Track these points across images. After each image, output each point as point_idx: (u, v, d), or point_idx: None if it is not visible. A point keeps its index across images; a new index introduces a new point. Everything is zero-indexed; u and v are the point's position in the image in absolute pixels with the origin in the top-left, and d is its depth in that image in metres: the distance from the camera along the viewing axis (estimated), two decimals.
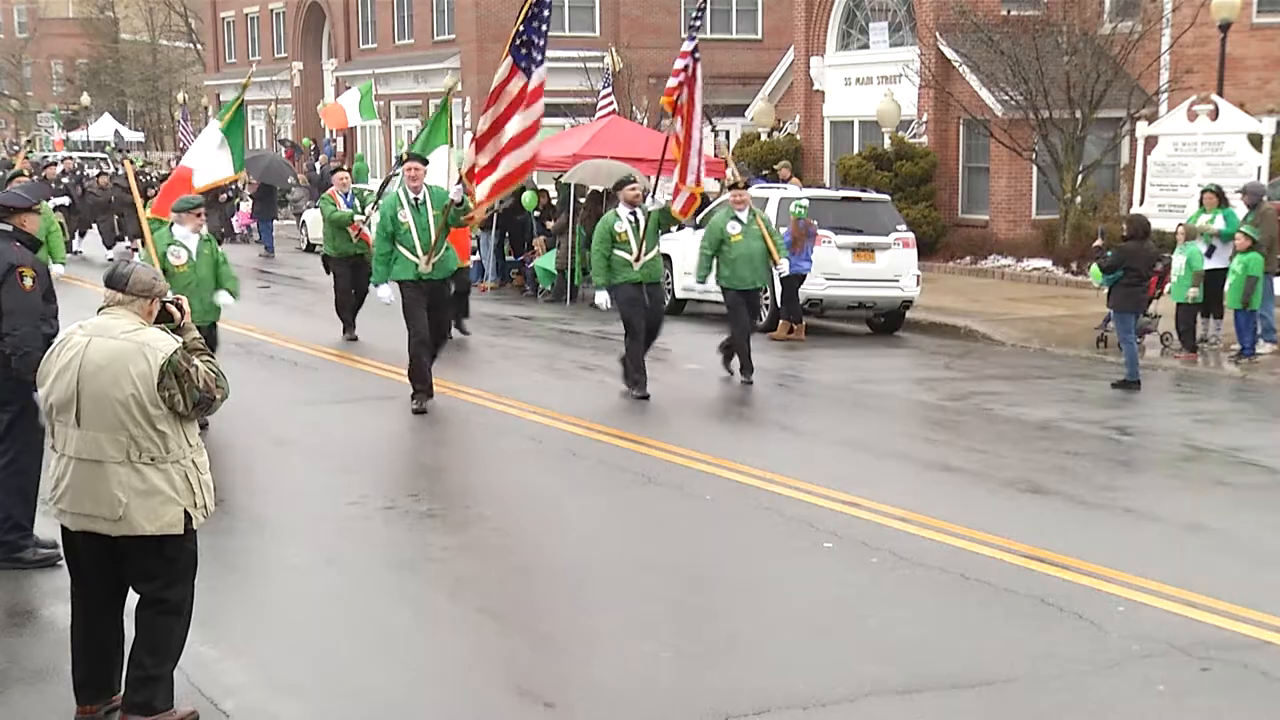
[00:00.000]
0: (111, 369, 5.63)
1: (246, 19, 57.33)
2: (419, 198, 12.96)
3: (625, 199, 13.83)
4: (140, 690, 5.84)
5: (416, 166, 13.14)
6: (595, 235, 13.79)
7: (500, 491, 10.38)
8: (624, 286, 13.63)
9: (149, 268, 6.04)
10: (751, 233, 14.83)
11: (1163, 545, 8.88)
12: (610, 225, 13.68)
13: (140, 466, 5.66)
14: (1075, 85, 24.10)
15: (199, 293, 11.70)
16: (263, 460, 11.28)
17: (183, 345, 5.78)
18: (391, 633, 7.26)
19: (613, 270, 13.60)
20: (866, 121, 29.57)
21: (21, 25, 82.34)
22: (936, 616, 7.45)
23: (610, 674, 6.71)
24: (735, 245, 14.70)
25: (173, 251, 11.85)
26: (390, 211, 12.92)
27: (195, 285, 11.73)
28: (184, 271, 11.76)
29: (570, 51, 37.59)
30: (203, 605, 7.44)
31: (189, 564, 5.93)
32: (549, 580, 8.27)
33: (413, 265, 12.84)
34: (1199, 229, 16.59)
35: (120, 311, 5.80)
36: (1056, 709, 6.26)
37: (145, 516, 5.67)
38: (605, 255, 13.63)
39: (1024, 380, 15.09)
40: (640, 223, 13.60)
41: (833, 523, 9.13)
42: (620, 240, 13.59)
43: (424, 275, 12.86)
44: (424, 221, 12.86)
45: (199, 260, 11.97)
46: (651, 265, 13.74)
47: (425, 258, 12.80)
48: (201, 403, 5.73)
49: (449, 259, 13.18)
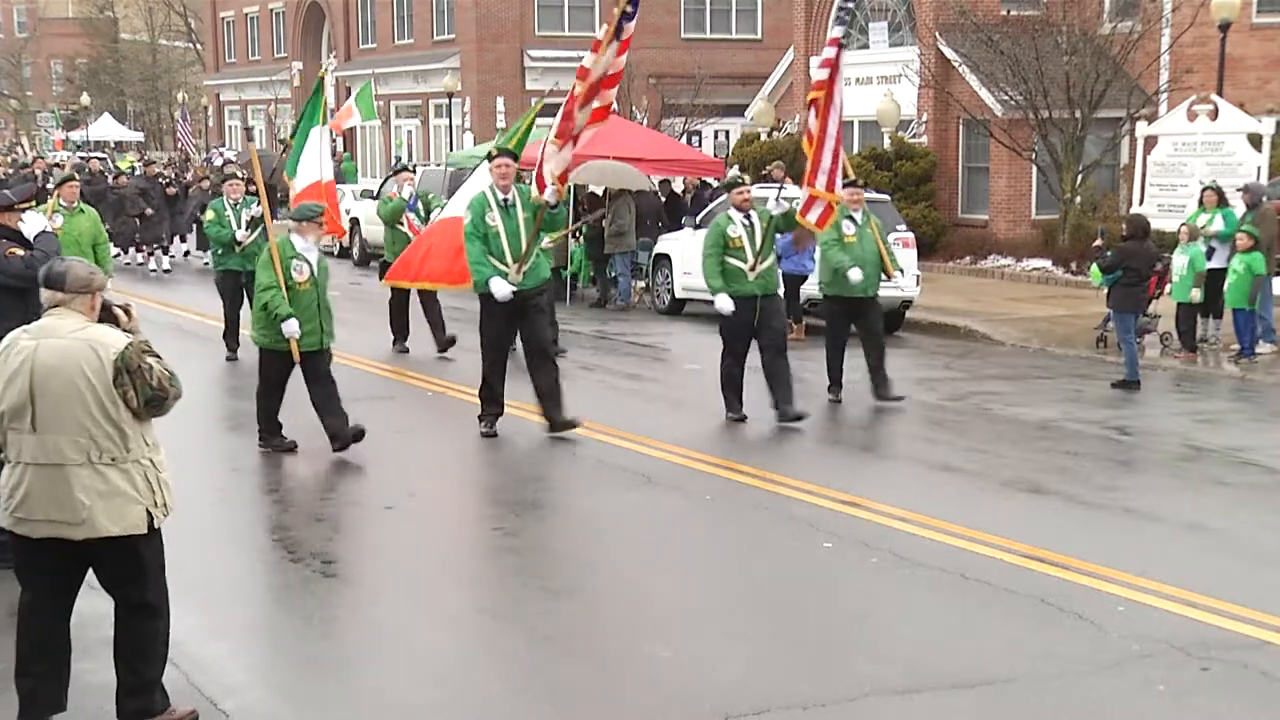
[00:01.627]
0: (65, 370, 5.53)
1: (246, 19, 57.34)
2: (508, 199, 11.64)
3: (735, 203, 12.46)
4: (137, 696, 5.82)
5: (507, 163, 11.78)
6: (707, 240, 12.46)
7: (500, 491, 10.38)
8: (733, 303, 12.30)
9: (84, 262, 5.90)
10: (865, 236, 13.47)
11: (1163, 545, 8.88)
12: (723, 230, 12.33)
13: (101, 468, 5.57)
14: (1075, 85, 24.10)
15: (320, 314, 10.88)
16: (263, 460, 11.28)
17: (134, 343, 5.66)
18: (391, 633, 7.26)
19: (725, 278, 12.29)
20: (866, 121, 29.56)
21: (21, 25, 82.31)
22: (936, 616, 7.45)
23: (610, 674, 6.72)
24: (848, 247, 13.33)
25: (296, 266, 10.78)
26: (480, 212, 11.63)
27: (318, 304, 10.85)
28: (306, 289, 10.81)
29: (570, 51, 37.61)
30: (203, 605, 7.46)
31: (158, 564, 5.87)
32: (549, 580, 8.27)
33: (500, 275, 11.55)
34: (1199, 230, 16.59)
35: (63, 311, 5.68)
36: (1056, 709, 6.26)
37: (109, 518, 5.59)
38: (720, 261, 12.30)
39: (1024, 380, 15.09)
40: (755, 228, 12.30)
41: (833, 523, 9.13)
42: (734, 247, 12.26)
43: (513, 286, 11.57)
44: (514, 225, 11.58)
45: (320, 274, 10.96)
46: (768, 275, 12.39)
47: (515, 266, 11.52)
48: (153, 401, 5.62)
49: (541, 267, 11.88)
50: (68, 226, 14.13)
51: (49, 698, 5.82)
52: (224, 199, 16.11)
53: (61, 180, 14.90)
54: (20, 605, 5.86)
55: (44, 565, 5.74)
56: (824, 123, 12.09)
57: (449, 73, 39.79)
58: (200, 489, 10.20)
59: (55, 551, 5.67)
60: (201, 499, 9.90)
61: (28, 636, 5.81)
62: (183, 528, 8.86)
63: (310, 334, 10.86)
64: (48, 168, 29.22)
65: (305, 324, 10.80)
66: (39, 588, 5.80)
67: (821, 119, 12.09)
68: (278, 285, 10.70)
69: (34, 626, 5.81)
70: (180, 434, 11.90)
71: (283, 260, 10.75)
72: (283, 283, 10.72)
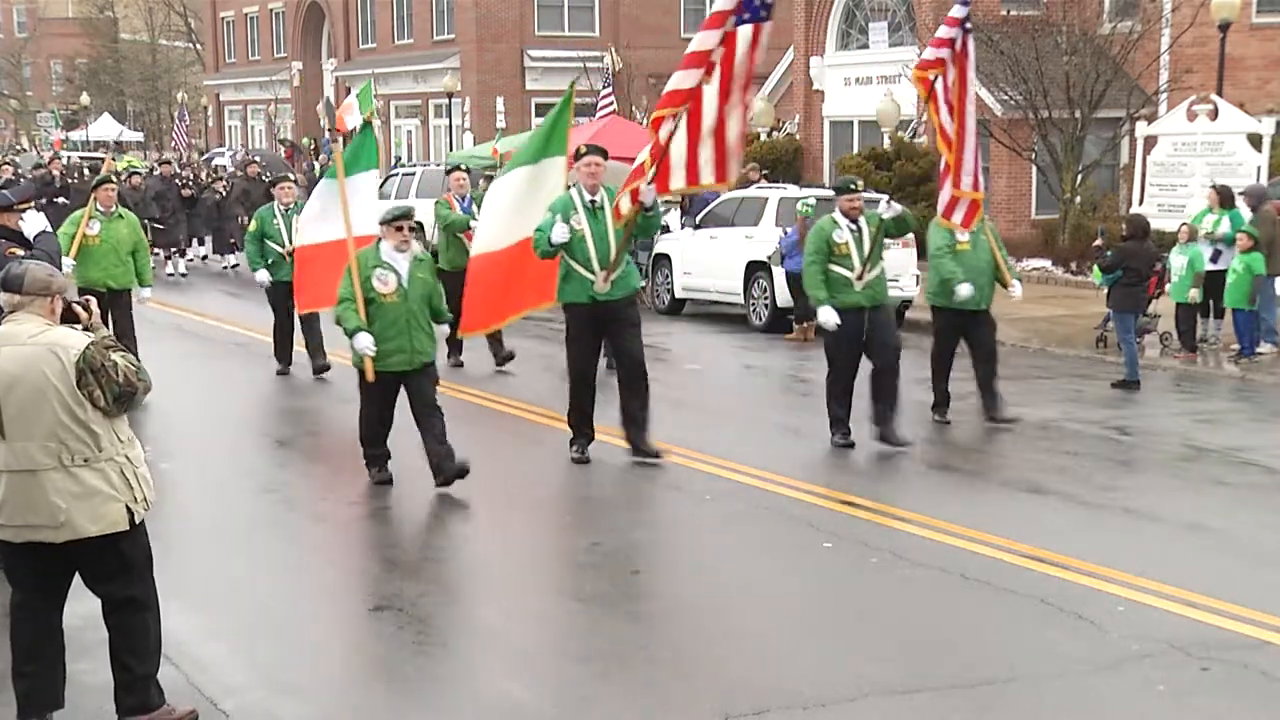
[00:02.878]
0: (28, 377, 5.49)
1: (246, 19, 57.36)
2: (596, 200, 10.65)
3: (843, 209, 11.43)
4: (133, 693, 5.82)
5: (597, 161, 10.70)
6: (809, 246, 11.49)
7: (500, 492, 10.37)
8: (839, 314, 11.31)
9: (43, 264, 5.85)
10: (980, 244, 12.48)
11: (1163, 545, 8.88)
12: (828, 235, 11.34)
13: (74, 470, 5.54)
14: (1075, 85, 24.10)
15: (410, 330, 9.76)
16: (263, 460, 11.28)
17: (95, 342, 5.62)
18: (391, 633, 7.26)
19: (829, 289, 11.30)
20: (866, 121, 29.57)
21: (21, 25, 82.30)
22: (936, 616, 7.45)
23: (610, 674, 6.71)
24: (961, 256, 12.33)
25: (379, 276, 9.73)
26: (564, 215, 10.59)
27: (407, 319, 9.75)
28: (393, 302, 9.73)
29: (570, 51, 37.65)
30: (203, 605, 7.46)
31: (145, 559, 5.85)
32: (548, 580, 8.28)
33: (586, 284, 10.56)
34: (1206, 233, 16.56)
35: (23, 316, 5.63)
36: (1056, 709, 6.26)
37: (87, 518, 5.57)
38: (822, 270, 11.31)
39: (1024, 380, 15.08)
40: (864, 233, 11.35)
41: (833, 523, 9.13)
42: (840, 253, 11.30)
43: (600, 296, 10.60)
44: (602, 229, 10.57)
45: (411, 285, 9.80)
46: (877, 285, 11.42)
47: (603, 274, 10.54)
48: (122, 396, 5.58)
49: (630, 275, 10.83)
50: (105, 233, 13.47)
51: (45, 696, 5.82)
52: (273, 205, 14.92)
53: (97, 183, 13.95)
54: (11, 606, 5.87)
55: (29, 568, 5.74)
56: (962, 119, 11.32)
57: (449, 73, 39.80)
58: (200, 488, 10.21)
59: (38, 554, 5.66)
60: (201, 498, 9.91)
61: (20, 637, 5.82)
62: (183, 528, 8.90)
63: (398, 352, 9.77)
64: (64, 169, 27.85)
65: (391, 341, 9.73)
66: (26, 589, 5.81)
67: (959, 117, 11.30)
68: (352, 297, 9.75)
69: (24, 627, 5.81)
70: (179, 434, 11.95)
71: (364, 270, 9.76)
72: (360, 296, 9.74)
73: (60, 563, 5.72)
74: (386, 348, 9.71)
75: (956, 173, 11.39)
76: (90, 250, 13.42)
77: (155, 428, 11.75)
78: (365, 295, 9.71)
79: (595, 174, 10.67)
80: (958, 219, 11.70)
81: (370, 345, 9.67)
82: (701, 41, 10.18)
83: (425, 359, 9.90)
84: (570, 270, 10.60)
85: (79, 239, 13.35)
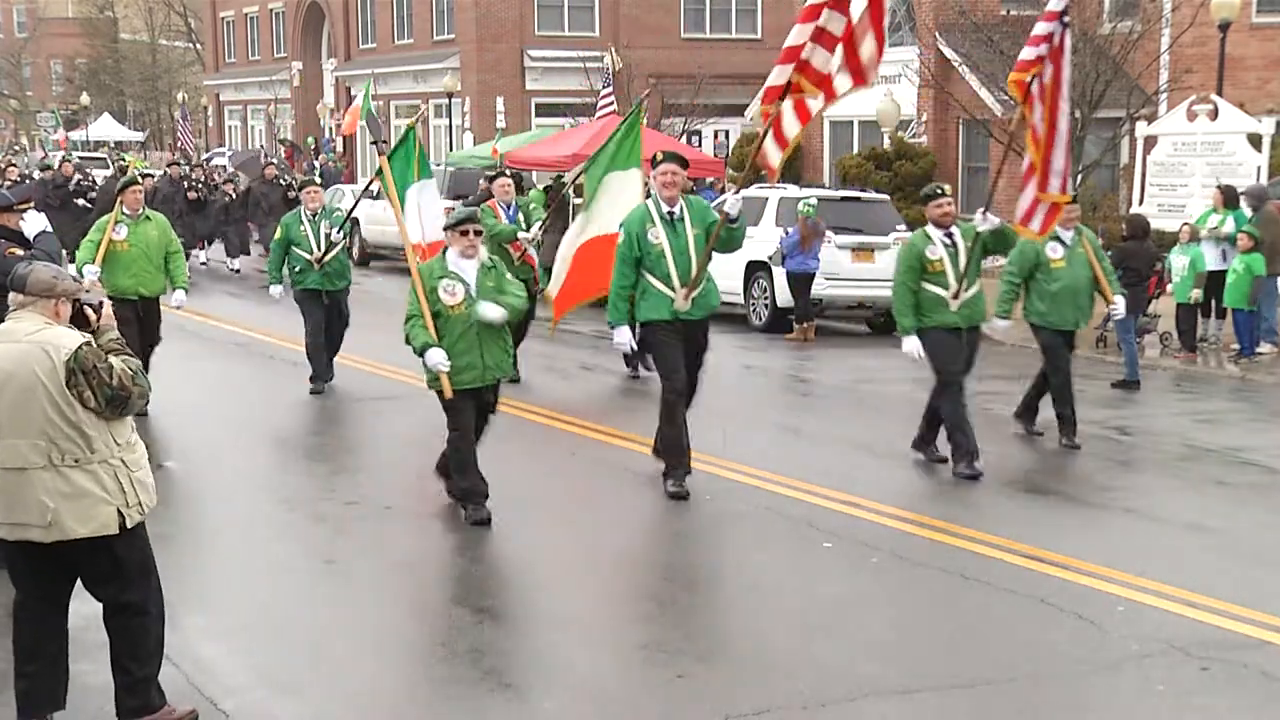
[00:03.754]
0: (19, 374, 5.48)
1: (246, 19, 57.35)
2: (674, 212, 9.83)
3: (933, 218, 10.54)
4: (134, 695, 5.82)
5: (675, 170, 9.88)
6: (900, 262, 10.62)
7: (499, 493, 10.37)
8: (935, 333, 10.49)
9: (49, 266, 5.85)
10: (1077, 258, 11.59)
11: (1163, 545, 8.88)
12: (920, 251, 10.43)
13: (64, 470, 5.52)
14: (1075, 85, 24.05)
15: (482, 344, 8.96)
16: (263, 460, 11.28)
17: (90, 343, 5.59)
18: (391, 633, 7.26)
19: (922, 310, 10.47)
20: (866, 121, 29.57)
21: (21, 25, 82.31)
22: (937, 616, 7.45)
23: (610, 674, 6.71)
24: (1056, 273, 11.50)
25: (446, 287, 8.91)
26: (638, 229, 9.80)
27: (478, 331, 8.93)
28: (462, 314, 8.91)
29: (570, 51, 37.64)
30: (203, 605, 7.47)
31: (141, 563, 5.81)
32: (548, 580, 8.27)
33: (666, 301, 9.79)
34: (1211, 233, 16.56)
35: (24, 314, 5.63)
36: (1056, 709, 6.26)
37: (76, 519, 5.54)
38: (912, 290, 10.45)
39: (1024, 380, 15.03)
40: (959, 248, 10.45)
41: (833, 523, 9.13)
42: (933, 271, 10.40)
43: (680, 314, 9.84)
44: (681, 243, 9.77)
45: (480, 295, 8.95)
46: (975, 304, 10.57)
47: (683, 291, 9.76)
48: (115, 400, 5.54)
49: (711, 293, 10.05)
50: (133, 237, 12.57)
51: (45, 696, 5.81)
52: (300, 210, 14.12)
53: (124, 184, 13.00)
54: (14, 606, 5.88)
55: (27, 568, 5.74)
56: (1054, 117, 10.36)
57: (449, 73, 39.79)
58: (200, 488, 10.21)
59: (34, 554, 5.66)
60: (201, 498, 9.91)
61: (21, 637, 5.83)
62: (182, 527, 8.90)
63: (469, 369, 8.97)
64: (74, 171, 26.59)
65: (462, 356, 8.93)
66: (27, 590, 5.81)
67: (1050, 115, 10.36)
68: (419, 313, 8.93)
69: (26, 628, 5.82)
70: (178, 434, 11.95)
71: (429, 281, 8.95)
72: (426, 309, 8.93)
73: (55, 563, 5.71)
74: (457, 364, 8.92)
75: (1043, 174, 10.44)
76: (119, 256, 12.53)
77: (155, 427, 11.76)
78: (432, 308, 8.93)
79: (673, 183, 9.83)
80: (1035, 226, 10.69)
81: (444, 360, 8.85)
82: None
83: (499, 374, 9.17)
84: (648, 287, 9.79)
85: (105, 244, 12.48)
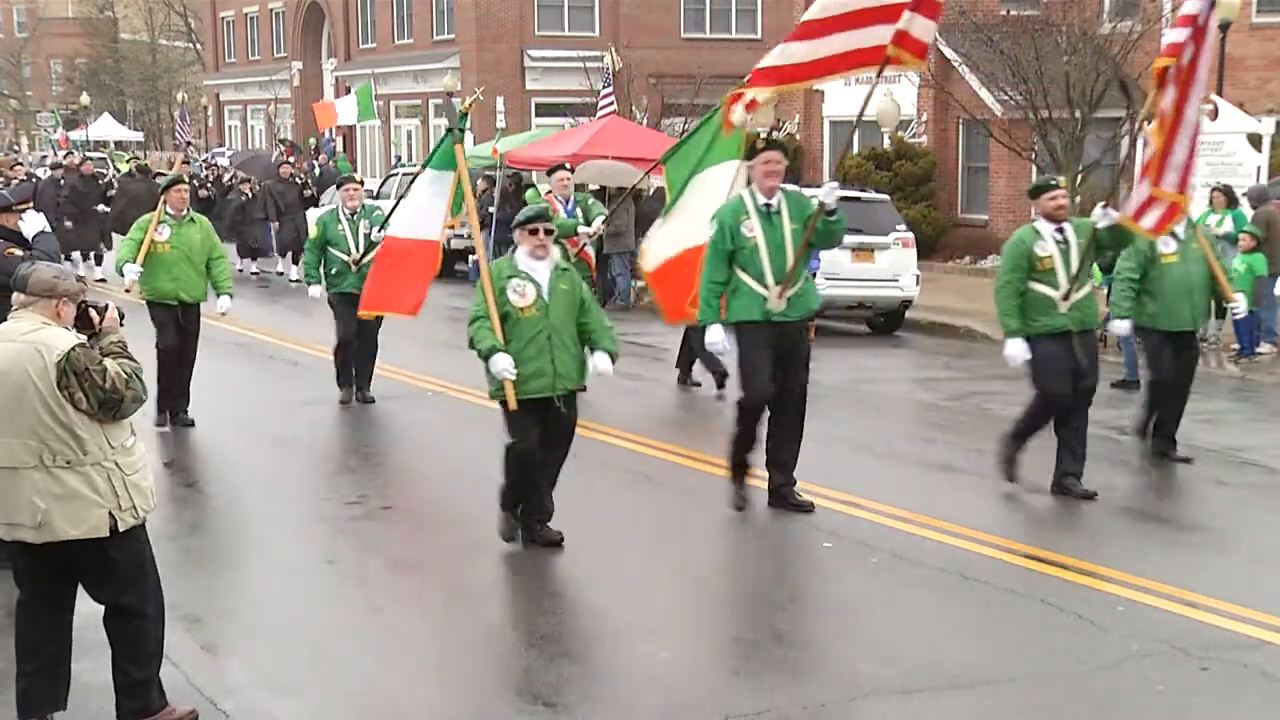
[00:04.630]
0: (13, 373, 5.49)
1: (246, 19, 57.34)
2: (772, 204, 9.15)
3: (1045, 212, 9.66)
4: (134, 697, 5.82)
5: (776, 158, 9.18)
6: (1005, 260, 9.75)
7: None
8: (1043, 342, 9.57)
9: (52, 266, 5.85)
10: (1191, 254, 10.80)
11: (1163, 545, 8.88)
12: (1028, 247, 9.58)
13: (56, 471, 5.51)
14: (1075, 85, 24.10)
15: (552, 349, 8.27)
16: (263, 460, 11.28)
17: (84, 345, 5.59)
18: (391, 633, 7.26)
19: (1028, 311, 9.61)
20: (866, 121, 29.51)
21: (21, 25, 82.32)
22: (936, 616, 7.45)
23: (610, 674, 6.72)
24: (1168, 269, 10.69)
25: (515, 287, 8.27)
26: (731, 221, 9.13)
27: (549, 335, 8.25)
28: (531, 316, 8.24)
29: (570, 51, 37.63)
30: (203, 605, 7.47)
31: (137, 565, 5.80)
32: (548, 581, 8.27)
33: (758, 300, 9.07)
34: (1209, 232, 16.56)
35: (24, 314, 5.64)
36: (1056, 709, 6.26)
37: (67, 521, 5.54)
38: (1019, 290, 9.60)
39: (1024, 380, 15.06)
40: (1071, 245, 9.58)
41: (833, 523, 9.13)
42: (1042, 269, 9.55)
43: (774, 314, 9.12)
44: (778, 237, 9.07)
45: (553, 299, 8.31)
46: (1086, 306, 9.66)
47: (778, 289, 9.04)
48: (107, 403, 5.54)
49: (808, 294, 9.36)
50: (176, 240, 12.01)
51: (44, 697, 5.82)
52: (337, 209, 13.41)
53: (168, 183, 12.44)
54: (16, 606, 5.89)
55: (27, 567, 5.75)
56: (1182, 105, 9.27)
57: (449, 73, 39.78)
58: (200, 488, 10.21)
59: (30, 553, 5.67)
60: (201, 498, 9.92)
61: (22, 637, 5.83)
62: (182, 528, 8.90)
63: (537, 376, 8.28)
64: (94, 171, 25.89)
65: (530, 363, 8.25)
66: (28, 588, 5.82)
67: (1179, 101, 9.26)
68: (485, 314, 8.27)
69: (27, 627, 5.82)
70: (178, 434, 11.95)
71: (498, 281, 8.32)
72: (494, 310, 8.27)
73: (52, 564, 5.71)
74: (524, 371, 8.25)
75: (1159, 167, 9.40)
76: (160, 258, 11.98)
77: (154, 427, 11.77)
78: (500, 310, 8.24)
79: (776, 171, 9.13)
80: (1148, 223, 9.62)
81: (510, 367, 8.18)
82: None
83: (570, 384, 8.42)
84: (740, 285, 9.10)
85: (147, 245, 11.97)
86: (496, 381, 8.34)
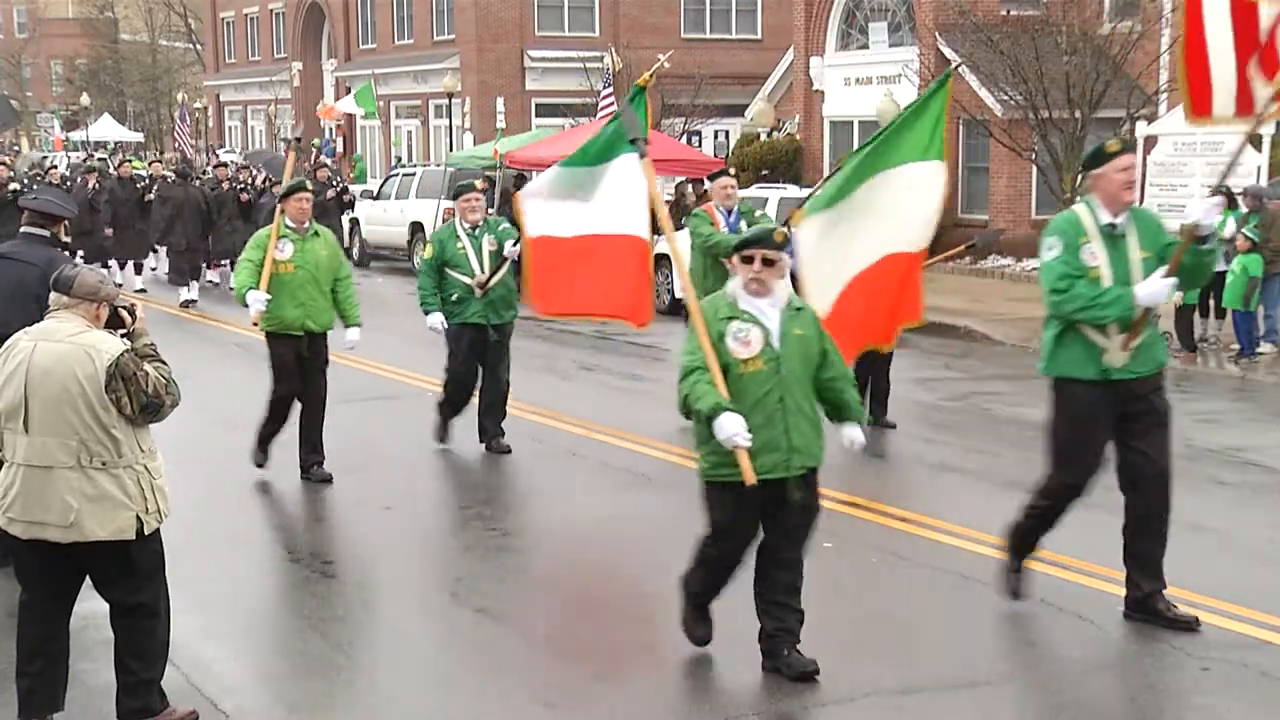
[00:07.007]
0: (58, 373, 5.53)
1: (246, 19, 57.37)
2: (1118, 224, 7.11)
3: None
4: (135, 696, 5.83)
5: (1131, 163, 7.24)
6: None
7: (500, 493, 10.38)
8: None
9: (96, 270, 5.91)
10: None
11: None
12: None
13: (91, 472, 5.56)
14: (1075, 85, 24.10)
15: (786, 416, 6.31)
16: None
17: (131, 350, 5.66)
18: (391, 633, 7.27)
19: None
20: (866, 121, 29.54)
21: (21, 25, 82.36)
22: (936, 616, 7.45)
23: (610, 674, 6.72)
24: None
25: (736, 333, 6.32)
26: (1075, 241, 7.08)
27: (781, 397, 6.30)
28: (759, 370, 6.28)
29: (570, 51, 37.65)
30: (203, 605, 7.47)
31: (152, 567, 5.83)
32: (548, 580, 8.28)
33: (1093, 353, 7.04)
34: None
35: (66, 315, 5.68)
36: (1056, 709, 6.26)
37: (97, 522, 5.57)
38: None
39: (1024, 380, 15.08)
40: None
41: (832, 522, 9.11)
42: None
43: (1113, 372, 7.03)
44: (1124, 268, 6.99)
45: (785, 348, 6.34)
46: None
47: (1122, 338, 6.95)
48: (149, 407, 5.62)
49: (1157, 344, 7.25)
50: (300, 257, 10.12)
51: (45, 697, 5.82)
52: (455, 224, 11.14)
53: (288, 190, 10.43)
54: (19, 605, 5.88)
55: (36, 566, 5.75)
56: None
57: (449, 73, 39.79)
58: (200, 488, 10.21)
59: (45, 553, 5.67)
60: (201, 499, 9.92)
61: (25, 637, 5.83)
62: (182, 528, 8.90)
63: (769, 450, 6.32)
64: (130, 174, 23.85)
65: (759, 432, 6.27)
66: (34, 589, 5.82)
67: None
68: (703, 365, 6.34)
69: (30, 627, 5.82)
70: (178, 433, 11.93)
71: (713, 324, 6.38)
72: (713, 360, 6.33)
73: (67, 564, 5.72)
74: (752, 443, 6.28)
75: None
76: (284, 281, 10.04)
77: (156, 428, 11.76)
78: (720, 361, 6.33)
79: (1133, 182, 7.13)
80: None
81: (744, 431, 6.18)
82: None
83: (809, 461, 6.46)
84: (1065, 328, 7.08)
85: (269, 266, 10.04)
86: (721, 452, 6.31)
